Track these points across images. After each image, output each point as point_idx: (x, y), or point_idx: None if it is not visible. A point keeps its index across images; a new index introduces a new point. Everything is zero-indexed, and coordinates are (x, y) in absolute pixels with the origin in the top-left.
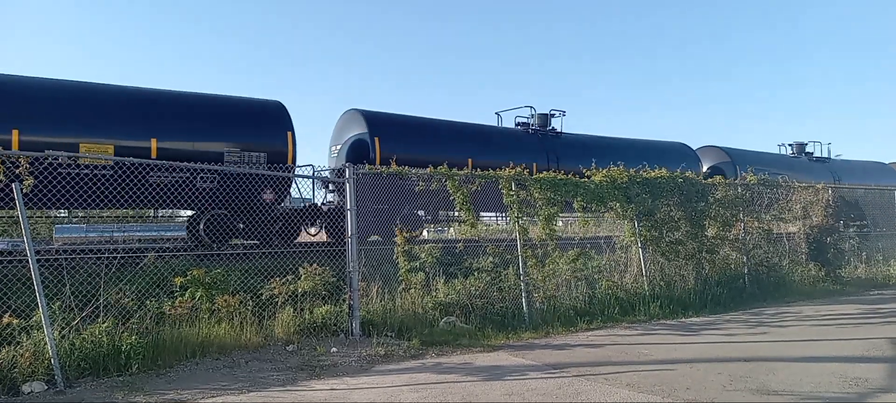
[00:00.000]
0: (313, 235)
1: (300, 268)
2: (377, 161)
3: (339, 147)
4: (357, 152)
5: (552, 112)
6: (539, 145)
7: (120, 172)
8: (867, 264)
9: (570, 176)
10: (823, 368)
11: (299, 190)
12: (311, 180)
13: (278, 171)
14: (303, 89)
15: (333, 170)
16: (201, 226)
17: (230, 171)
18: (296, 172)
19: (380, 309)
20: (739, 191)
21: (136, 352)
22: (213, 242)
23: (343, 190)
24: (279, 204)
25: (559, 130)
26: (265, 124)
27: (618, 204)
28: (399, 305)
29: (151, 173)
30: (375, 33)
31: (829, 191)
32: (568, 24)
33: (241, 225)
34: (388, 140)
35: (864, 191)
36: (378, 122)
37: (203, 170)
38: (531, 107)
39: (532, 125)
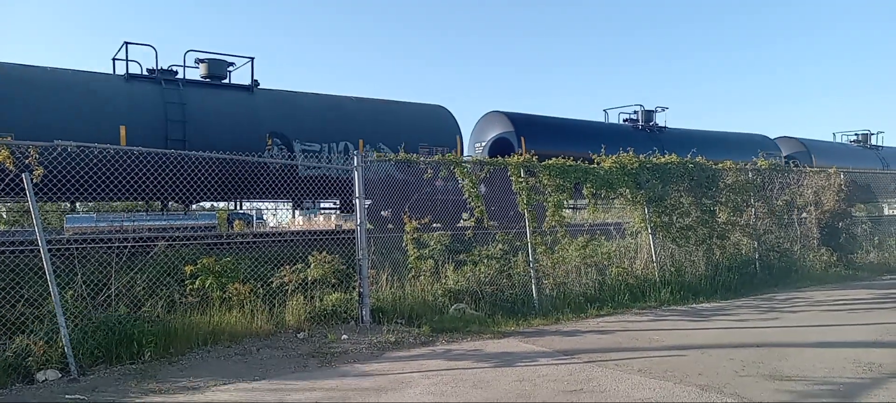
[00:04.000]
0: None
1: (310, 256)
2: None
3: (482, 145)
4: (500, 150)
5: (657, 108)
6: (648, 139)
7: None
8: (879, 249)
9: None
10: (836, 353)
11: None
12: None
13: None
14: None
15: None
16: None
17: None
18: None
19: (390, 297)
20: (750, 176)
21: (148, 340)
22: None
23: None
24: None
25: (663, 125)
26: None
27: (628, 191)
28: (409, 292)
29: None
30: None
31: (841, 176)
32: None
33: None
34: (531, 138)
35: (873, 175)
36: (522, 122)
37: None
38: (640, 105)
39: (639, 121)
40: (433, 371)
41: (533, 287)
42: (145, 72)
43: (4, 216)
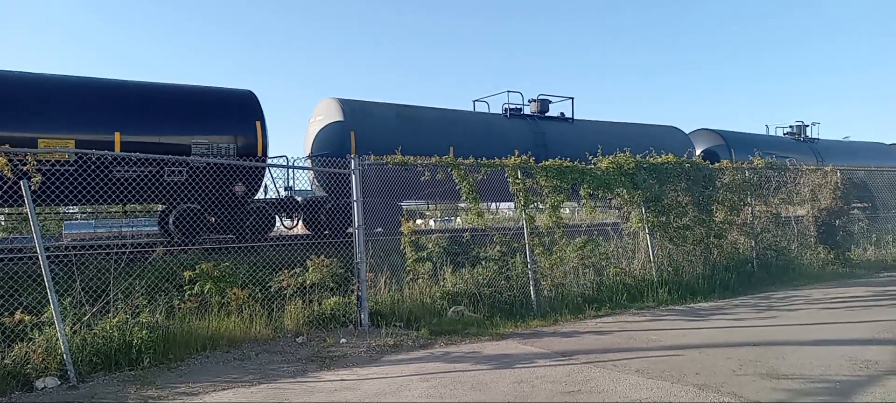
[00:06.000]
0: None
1: (308, 260)
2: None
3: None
4: (710, 161)
5: (811, 123)
6: (808, 149)
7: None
8: (877, 246)
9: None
10: (833, 351)
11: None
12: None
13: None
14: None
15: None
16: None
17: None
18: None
19: (388, 300)
20: (747, 175)
21: (147, 346)
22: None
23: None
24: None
25: (815, 137)
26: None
27: (625, 191)
28: (407, 295)
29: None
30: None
31: (838, 174)
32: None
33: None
34: (738, 151)
35: (869, 173)
36: (731, 138)
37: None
38: (800, 121)
39: (797, 134)
40: (432, 374)
41: (531, 288)
42: (507, 111)
43: (3, 223)
